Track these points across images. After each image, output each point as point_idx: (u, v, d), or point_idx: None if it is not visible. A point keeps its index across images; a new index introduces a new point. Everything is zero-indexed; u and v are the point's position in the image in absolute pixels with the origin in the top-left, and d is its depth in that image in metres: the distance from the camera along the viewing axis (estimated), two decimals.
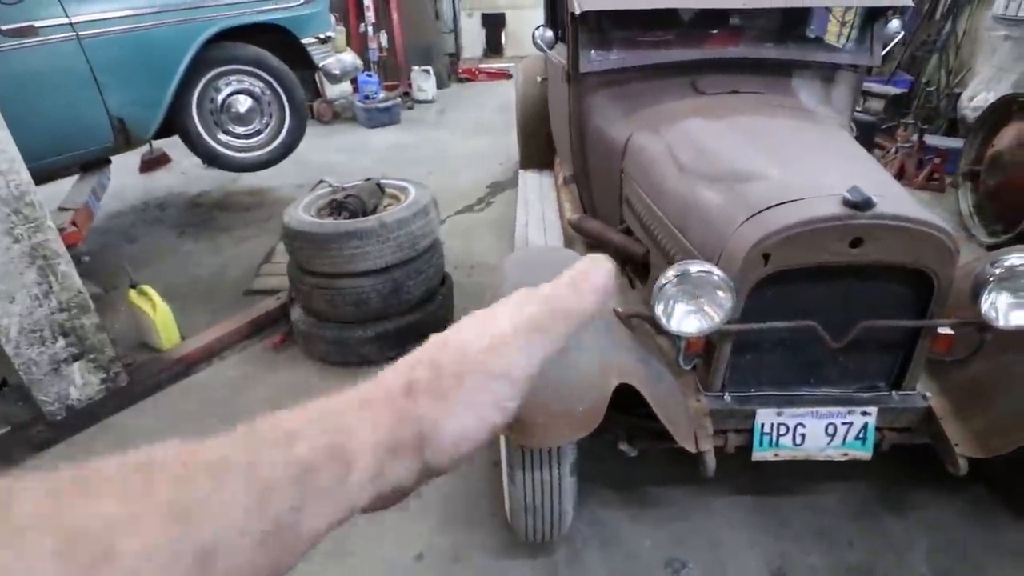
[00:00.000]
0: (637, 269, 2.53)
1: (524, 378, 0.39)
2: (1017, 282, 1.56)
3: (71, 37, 3.19)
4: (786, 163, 1.88)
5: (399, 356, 0.44)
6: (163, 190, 5.42)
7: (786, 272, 1.62)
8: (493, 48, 10.18)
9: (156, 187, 5.49)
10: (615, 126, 2.67)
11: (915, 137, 4.94)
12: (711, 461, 1.72)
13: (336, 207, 2.91)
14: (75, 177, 3.78)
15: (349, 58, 4.50)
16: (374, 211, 2.96)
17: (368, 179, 3.07)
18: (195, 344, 2.99)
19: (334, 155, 6.14)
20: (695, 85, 2.67)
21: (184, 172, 5.79)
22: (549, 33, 2.92)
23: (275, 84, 4.04)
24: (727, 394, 1.83)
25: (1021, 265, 1.54)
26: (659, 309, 1.60)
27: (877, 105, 5.69)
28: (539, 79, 3.85)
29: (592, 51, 2.70)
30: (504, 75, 9.18)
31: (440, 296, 3.08)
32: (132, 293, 3.02)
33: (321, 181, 3.19)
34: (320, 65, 4.24)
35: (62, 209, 3.20)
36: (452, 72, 8.92)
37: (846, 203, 1.53)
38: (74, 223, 2.99)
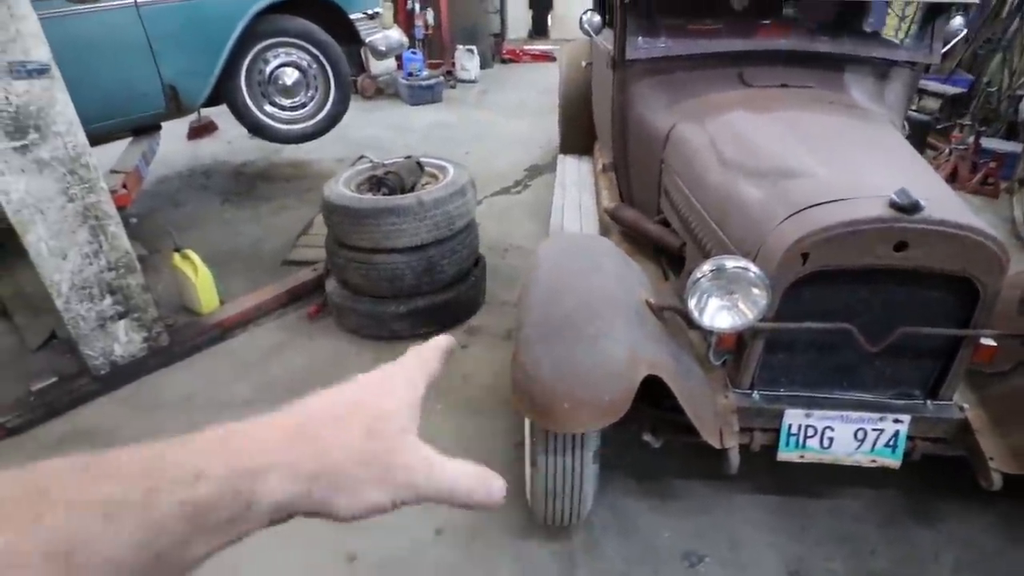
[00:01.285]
0: (672, 261, 2.51)
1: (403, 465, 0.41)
2: None
3: (130, 4, 3.28)
4: (832, 161, 1.84)
5: (430, 334, 0.46)
6: (209, 158, 5.55)
7: (825, 272, 1.59)
8: (539, 30, 10.08)
9: (202, 155, 5.62)
10: (658, 115, 2.64)
11: (971, 139, 4.75)
12: (735, 458, 1.71)
13: (376, 183, 2.95)
14: (127, 141, 3.90)
15: (395, 35, 4.51)
16: (412, 189, 2.99)
17: (408, 157, 3.10)
18: (233, 310, 3.07)
19: (376, 131, 6.19)
20: (742, 77, 2.62)
21: (230, 141, 5.91)
22: (597, 18, 2.88)
23: (321, 58, 4.08)
24: (756, 392, 1.82)
25: None
26: (692, 303, 1.59)
27: (933, 104, 5.48)
28: (584, 64, 3.81)
29: (639, 38, 2.66)
30: (548, 57, 9.10)
31: (473, 277, 3.11)
32: (176, 256, 3.11)
33: (361, 156, 3.24)
34: (367, 41, 4.27)
35: (114, 172, 3.30)
36: (496, 53, 8.87)
37: (892, 205, 1.49)
38: (124, 186, 3.09)
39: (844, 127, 2.17)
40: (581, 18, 2.91)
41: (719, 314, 1.61)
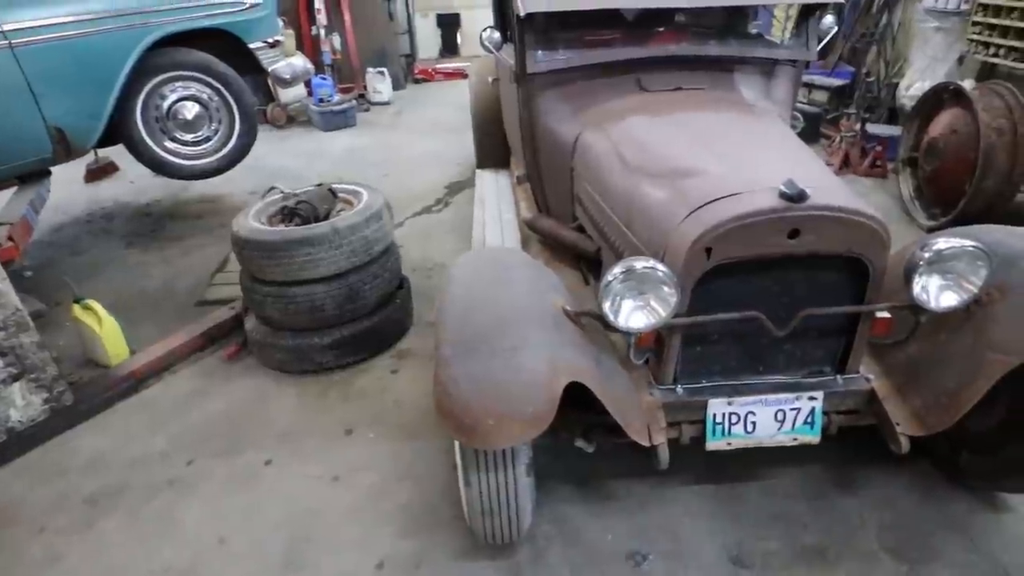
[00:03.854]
0: (592, 265, 2.55)
1: None
2: (945, 265, 1.62)
3: (3, 46, 3.07)
4: (724, 158, 1.92)
5: (358, 363, 0.43)
6: (110, 200, 5.26)
7: (728, 265, 1.66)
8: (449, 48, 10.14)
9: (103, 197, 5.32)
10: (564, 125, 2.69)
11: (858, 126, 5.10)
12: (664, 454, 1.75)
13: (288, 214, 2.86)
14: (12, 189, 3.64)
15: (299, 62, 4.43)
16: (327, 217, 2.92)
17: (320, 184, 3.03)
18: (145, 359, 2.90)
19: (289, 160, 6.04)
20: (640, 82, 2.71)
21: (132, 181, 5.62)
22: (496, 35, 2.93)
23: (223, 90, 3.95)
24: (679, 387, 1.87)
25: (948, 249, 1.60)
26: (607, 306, 1.62)
27: (822, 96, 5.86)
28: (491, 80, 3.85)
29: (539, 51, 2.71)
30: (461, 75, 9.15)
31: (397, 300, 3.06)
32: (76, 308, 2.92)
33: (272, 188, 3.14)
34: (270, 70, 4.17)
35: None
36: (408, 73, 8.86)
37: (782, 196, 1.57)
38: (11, 238, 2.88)
39: (734, 124, 2.28)
40: (481, 35, 2.94)
41: (633, 315, 1.64)
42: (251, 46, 4.04)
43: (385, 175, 5.47)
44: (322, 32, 7.19)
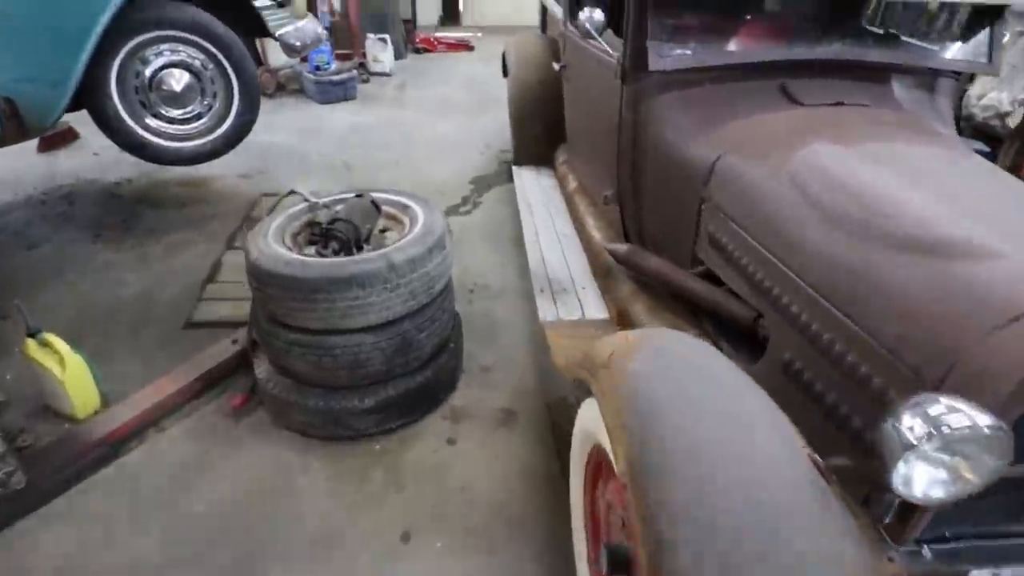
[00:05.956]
0: (735, 333, 1.96)
1: None
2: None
3: None
4: (1001, 227, 1.36)
5: (403, 427, 0.08)
6: (70, 176, 4.43)
7: None
8: (450, 16, 9.32)
9: (60, 172, 4.48)
10: (690, 141, 2.09)
11: None
12: None
13: (321, 235, 2.20)
14: None
15: (311, 26, 3.69)
16: (368, 239, 2.27)
17: (359, 194, 2.37)
18: (124, 414, 2.22)
19: (283, 136, 5.27)
20: (787, 91, 2.13)
21: (97, 153, 4.77)
22: (600, 15, 2.28)
23: (220, 56, 3.20)
24: (925, 548, 1.32)
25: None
26: (899, 472, 1.05)
27: None
28: (557, 66, 3.18)
29: (664, 43, 2.10)
30: (465, 46, 8.39)
31: (451, 344, 2.44)
32: (30, 345, 2.22)
33: (292, 192, 2.47)
34: (277, 35, 3.42)
35: None
36: (409, 42, 8.04)
37: None
38: None
39: (957, 166, 1.72)
40: (577, 14, 2.28)
41: (934, 484, 1.08)
42: (255, 3, 3.28)
43: (396, 161, 4.76)
44: None
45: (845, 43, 2.30)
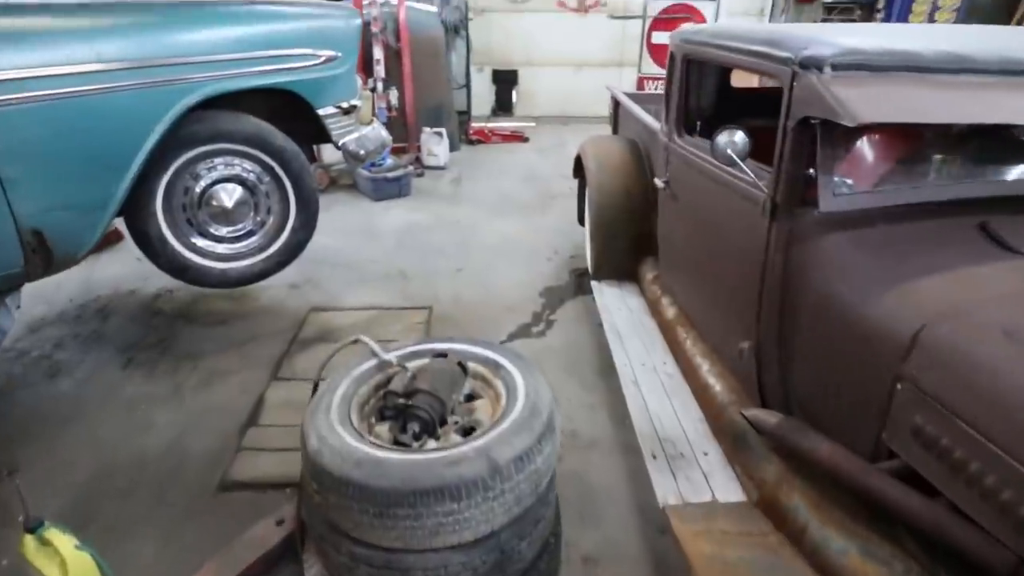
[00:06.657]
0: (962, 565, 1.39)
1: None
2: None
3: None
4: None
5: None
6: (109, 285, 4.12)
7: None
8: (503, 107, 9.24)
9: (99, 280, 4.18)
10: (872, 300, 1.60)
11: None
12: None
13: (397, 413, 1.72)
14: None
15: (376, 132, 3.38)
16: (453, 409, 1.79)
17: (443, 353, 1.90)
18: None
19: (335, 238, 4.95)
20: (991, 233, 1.66)
21: (140, 258, 4.47)
22: (742, 137, 1.83)
23: (278, 169, 2.87)
24: None
25: None
26: None
27: None
28: (660, 184, 2.75)
29: (839, 179, 1.66)
30: (519, 137, 8.21)
31: (551, 540, 1.89)
32: (29, 544, 1.74)
33: (356, 340, 2.00)
34: (340, 143, 3.10)
35: None
36: (463, 133, 7.89)
37: None
38: None
39: None
40: (717, 140, 1.84)
41: None
42: (320, 112, 2.98)
43: (459, 270, 4.36)
44: (380, 86, 6.21)
45: None
